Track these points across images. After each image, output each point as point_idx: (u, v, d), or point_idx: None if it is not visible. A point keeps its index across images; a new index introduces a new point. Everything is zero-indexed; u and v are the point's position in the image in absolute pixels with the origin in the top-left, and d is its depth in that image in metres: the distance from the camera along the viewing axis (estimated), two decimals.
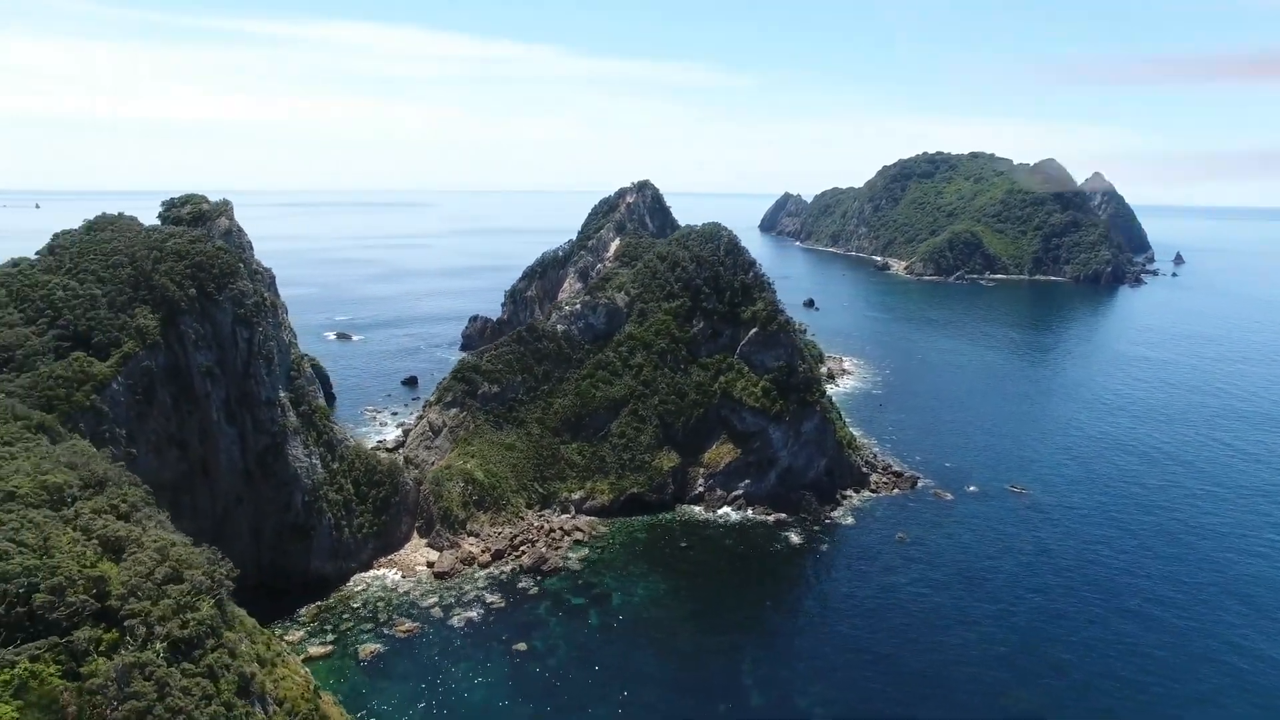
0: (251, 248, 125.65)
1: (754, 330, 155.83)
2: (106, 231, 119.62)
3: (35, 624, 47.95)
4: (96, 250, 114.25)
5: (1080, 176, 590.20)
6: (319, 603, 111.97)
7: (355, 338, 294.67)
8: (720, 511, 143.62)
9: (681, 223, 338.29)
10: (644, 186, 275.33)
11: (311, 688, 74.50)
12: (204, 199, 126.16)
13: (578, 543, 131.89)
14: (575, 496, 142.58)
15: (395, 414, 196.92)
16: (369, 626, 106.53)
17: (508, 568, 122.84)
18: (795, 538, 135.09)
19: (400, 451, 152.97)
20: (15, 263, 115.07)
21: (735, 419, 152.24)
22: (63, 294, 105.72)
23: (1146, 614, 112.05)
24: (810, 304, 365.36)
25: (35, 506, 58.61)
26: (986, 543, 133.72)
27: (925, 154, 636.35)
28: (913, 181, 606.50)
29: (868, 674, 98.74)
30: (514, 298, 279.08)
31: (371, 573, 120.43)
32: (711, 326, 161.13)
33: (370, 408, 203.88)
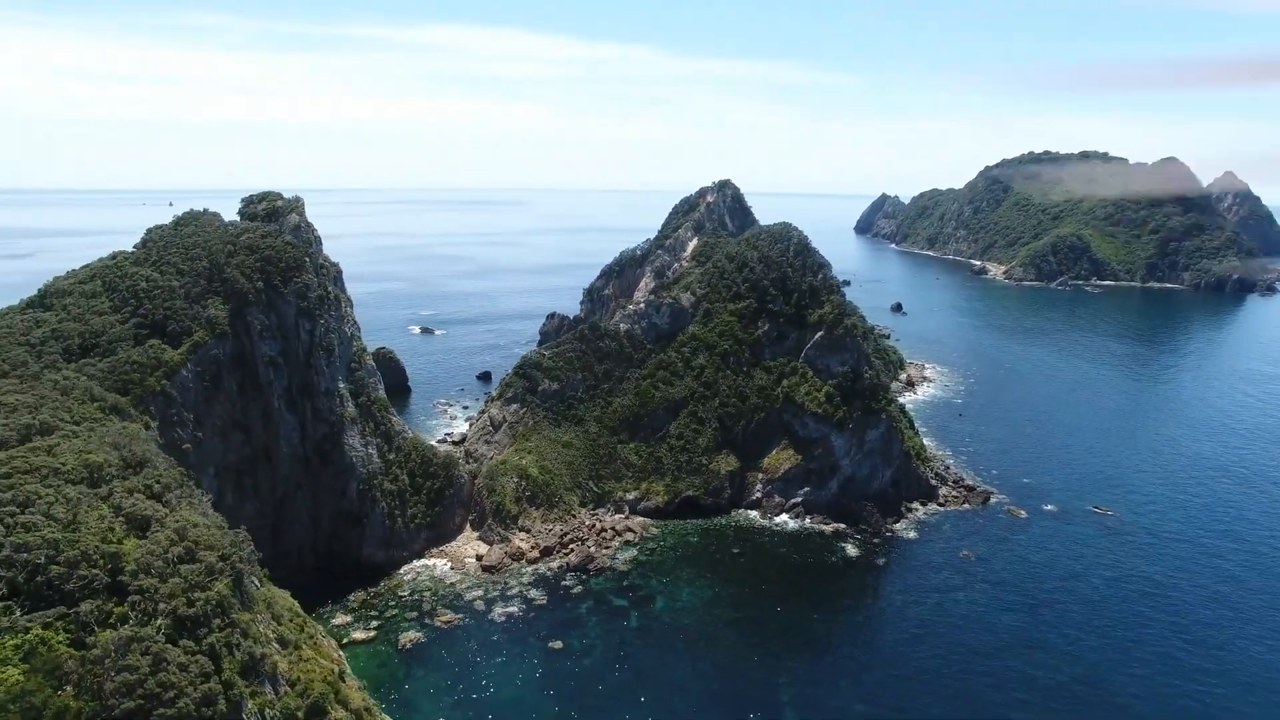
0: (320, 243, 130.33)
1: (820, 334, 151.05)
2: (191, 227, 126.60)
3: (51, 594, 50.52)
4: (180, 244, 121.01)
5: (1209, 177, 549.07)
6: (369, 589, 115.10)
7: (438, 332, 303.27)
8: (778, 519, 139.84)
9: (766, 224, 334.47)
10: (724, 186, 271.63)
11: (336, 672, 76.23)
12: (279, 196, 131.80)
13: (628, 543, 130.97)
14: (629, 497, 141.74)
15: (466, 408, 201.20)
16: (413, 615, 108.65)
17: (555, 565, 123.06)
18: (852, 549, 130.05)
19: (462, 445, 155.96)
20: (114, 255, 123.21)
21: (797, 424, 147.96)
22: (145, 285, 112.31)
23: (1229, 660, 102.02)
24: (898, 308, 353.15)
25: (75, 483, 62.04)
26: (1059, 565, 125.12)
27: (1031, 153, 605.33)
28: (1016, 182, 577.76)
29: (916, 698, 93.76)
30: (591, 296, 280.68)
31: (422, 562, 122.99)
32: (777, 329, 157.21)
33: (443, 400, 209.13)
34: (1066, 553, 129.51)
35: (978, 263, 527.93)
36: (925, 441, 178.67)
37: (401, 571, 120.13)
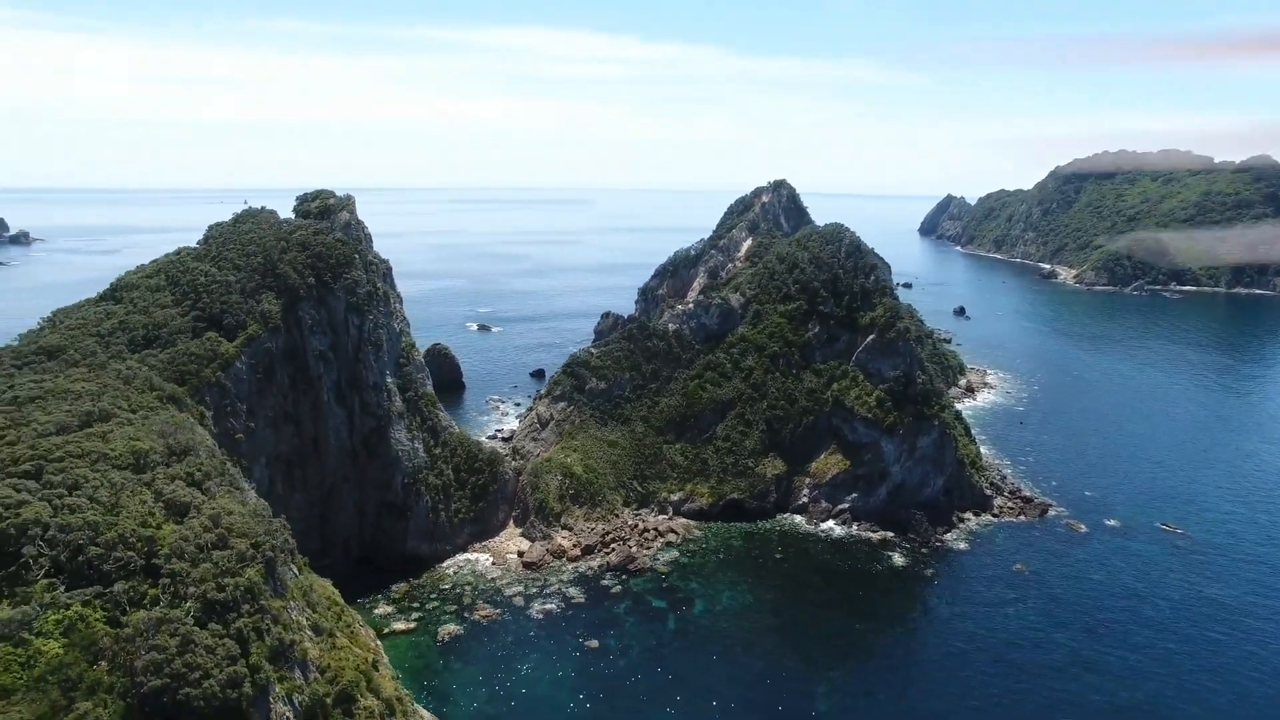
0: (370, 240, 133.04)
1: (871, 337, 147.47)
2: (249, 224, 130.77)
3: (91, 573, 52.40)
4: (238, 240, 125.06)
5: None
6: (412, 580, 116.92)
7: (494, 329, 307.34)
8: (824, 525, 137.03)
9: (822, 224, 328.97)
10: (779, 186, 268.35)
11: (370, 661, 77.43)
12: (331, 194, 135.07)
13: (670, 544, 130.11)
14: (674, 498, 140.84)
15: (518, 405, 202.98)
16: (452, 608, 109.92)
17: (595, 564, 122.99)
18: (899, 559, 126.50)
19: (510, 441, 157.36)
20: (178, 251, 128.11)
21: (846, 429, 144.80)
22: (204, 279, 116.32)
23: None
24: (960, 312, 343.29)
25: (121, 469, 64.38)
26: (1120, 584, 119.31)
27: (1106, 153, 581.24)
28: (1089, 183, 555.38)
29: (959, 715, 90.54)
30: (646, 296, 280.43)
31: (465, 556, 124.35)
32: (827, 331, 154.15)
33: (495, 397, 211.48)
34: (1129, 571, 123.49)
35: (1047, 266, 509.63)
36: (983, 450, 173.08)
37: (444, 565, 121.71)
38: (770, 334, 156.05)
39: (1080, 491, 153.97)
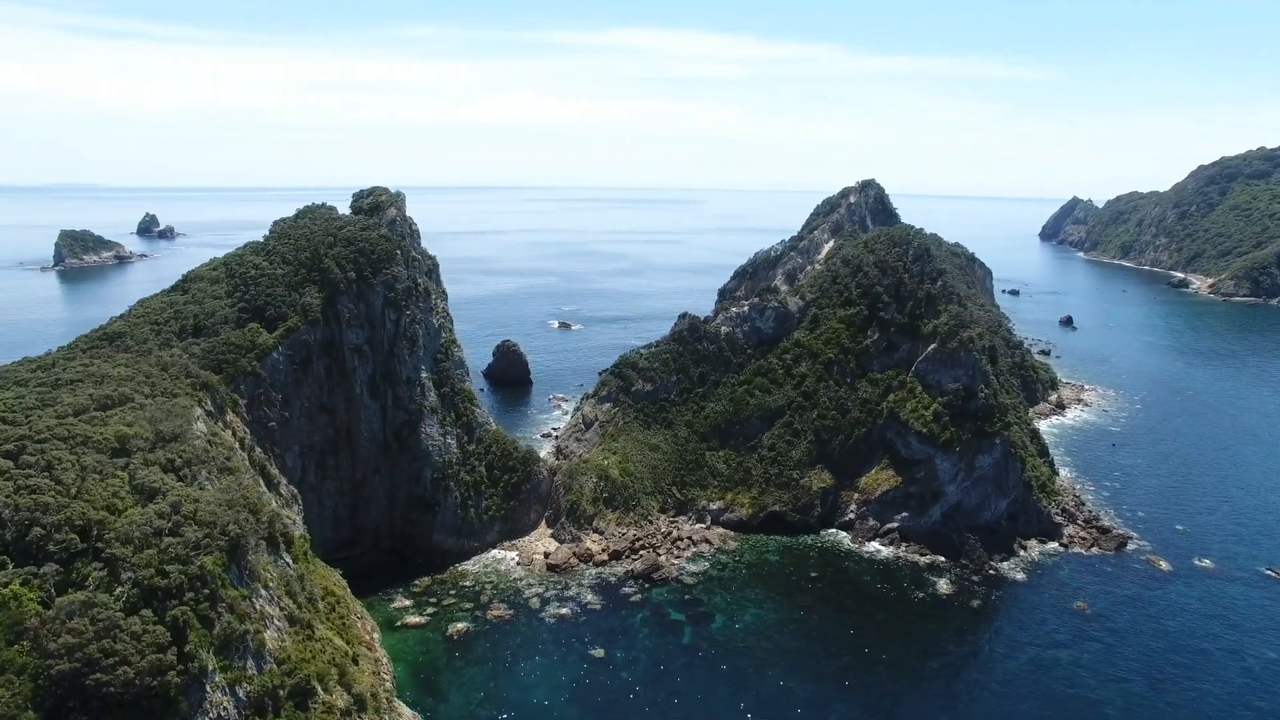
0: (417, 236, 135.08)
1: (932, 346, 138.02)
2: (306, 219, 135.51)
3: (38, 554, 54.27)
4: (292, 235, 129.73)
5: None
6: (435, 575, 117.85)
7: (574, 327, 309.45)
8: (869, 546, 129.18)
9: (921, 226, 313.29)
10: (867, 185, 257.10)
11: (349, 655, 77.78)
12: (385, 191, 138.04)
13: (702, 555, 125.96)
14: (713, 506, 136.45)
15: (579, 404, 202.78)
16: (469, 606, 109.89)
17: (620, 570, 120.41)
18: (946, 586, 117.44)
19: (555, 440, 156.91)
20: (246, 245, 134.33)
21: (900, 443, 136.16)
22: (254, 272, 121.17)
23: None
24: (1067, 322, 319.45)
25: (101, 453, 66.89)
26: (1200, 634, 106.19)
27: (1261, 149, 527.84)
28: (1238, 183, 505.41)
29: None
30: (724, 297, 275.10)
31: (493, 554, 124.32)
32: (887, 338, 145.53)
33: (559, 395, 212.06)
34: (1214, 620, 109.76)
35: (1179, 274, 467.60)
36: (1063, 472, 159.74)
37: (470, 561, 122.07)
38: (827, 340, 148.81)
39: (1170, 525, 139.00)
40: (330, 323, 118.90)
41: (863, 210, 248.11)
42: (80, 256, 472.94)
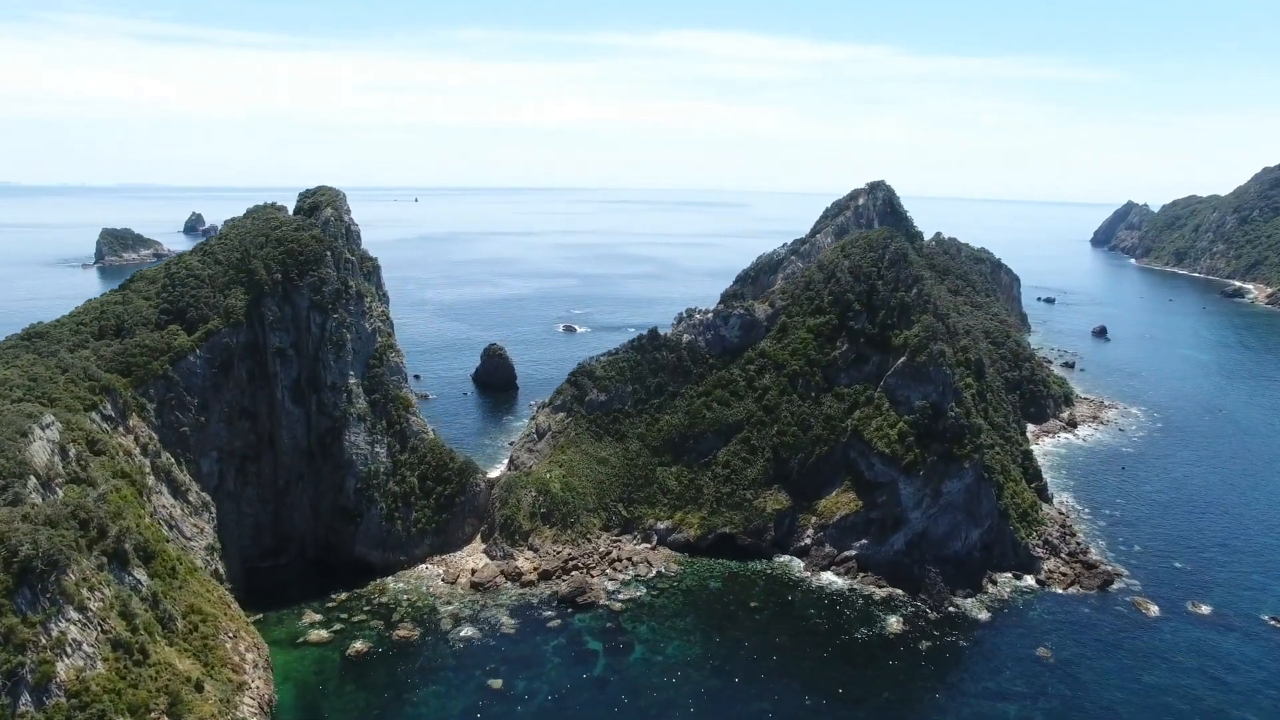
0: (355, 237, 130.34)
1: (902, 360, 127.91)
2: (251, 219, 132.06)
3: None
4: (231, 235, 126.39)
5: None
6: (355, 589, 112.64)
7: (579, 330, 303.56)
8: (823, 576, 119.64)
9: (947, 232, 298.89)
10: (876, 187, 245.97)
11: (192, 680, 72.46)
12: (328, 190, 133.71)
13: (640, 578, 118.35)
14: (660, 526, 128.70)
15: None
16: (377, 624, 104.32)
17: (547, 591, 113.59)
18: (896, 624, 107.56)
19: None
20: (196, 247, 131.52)
21: (863, 464, 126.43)
22: (183, 273, 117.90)
23: None
24: (1100, 332, 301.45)
25: None
26: (1178, 693, 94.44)
27: None
28: None
29: None
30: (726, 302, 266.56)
31: (419, 569, 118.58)
32: (856, 350, 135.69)
33: (539, 402, 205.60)
34: (1200, 675, 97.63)
35: (1235, 283, 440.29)
36: (1063, 498, 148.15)
37: (394, 576, 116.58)
38: (793, 350, 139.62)
39: (1168, 562, 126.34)
40: (255, 325, 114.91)
41: (870, 212, 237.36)
42: (120, 254, 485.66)
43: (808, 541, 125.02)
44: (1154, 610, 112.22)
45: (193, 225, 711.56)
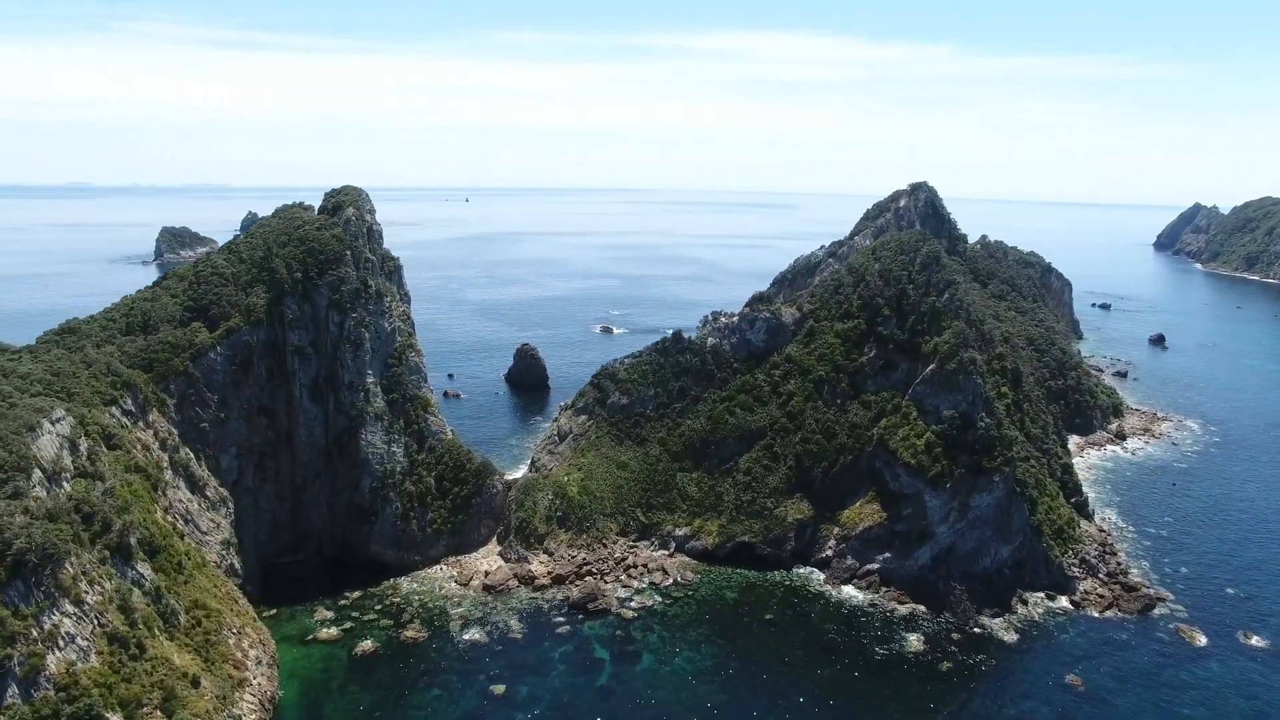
0: (377, 236, 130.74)
1: (931, 367, 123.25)
2: (277, 218, 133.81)
3: None
4: (257, 234, 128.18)
5: None
6: (368, 588, 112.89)
7: (616, 331, 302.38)
8: (844, 589, 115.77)
9: (999, 235, 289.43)
10: (918, 189, 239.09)
11: (188, 676, 72.89)
12: (355, 190, 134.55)
13: (655, 585, 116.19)
14: (679, 533, 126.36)
15: None
16: (386, 624, 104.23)
17: (559, 596, 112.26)
18: (917, 642, 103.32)
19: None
20: (228, 245, 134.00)
21: (888, 474, 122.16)
22: (209, 271, 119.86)
23: None
24: (1158, 340, 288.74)
25: None
26: None
27: None
28: None
29: None
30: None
31: (434, 569, 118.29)
32: (884, 356, 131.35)
33: (566, 403, 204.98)
34: (1254, 716, 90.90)
35: None
36: (1105, 515, 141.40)
37: (409, 576, 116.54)
38: (819, 356, 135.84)
39: (1219, 587, 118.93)
40: (275, 323, 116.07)
41: (911, 214, 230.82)
42: (177, 251, 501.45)
43: (829, 553, 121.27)
44: (1201, 640, 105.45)
45: (248, 224, 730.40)
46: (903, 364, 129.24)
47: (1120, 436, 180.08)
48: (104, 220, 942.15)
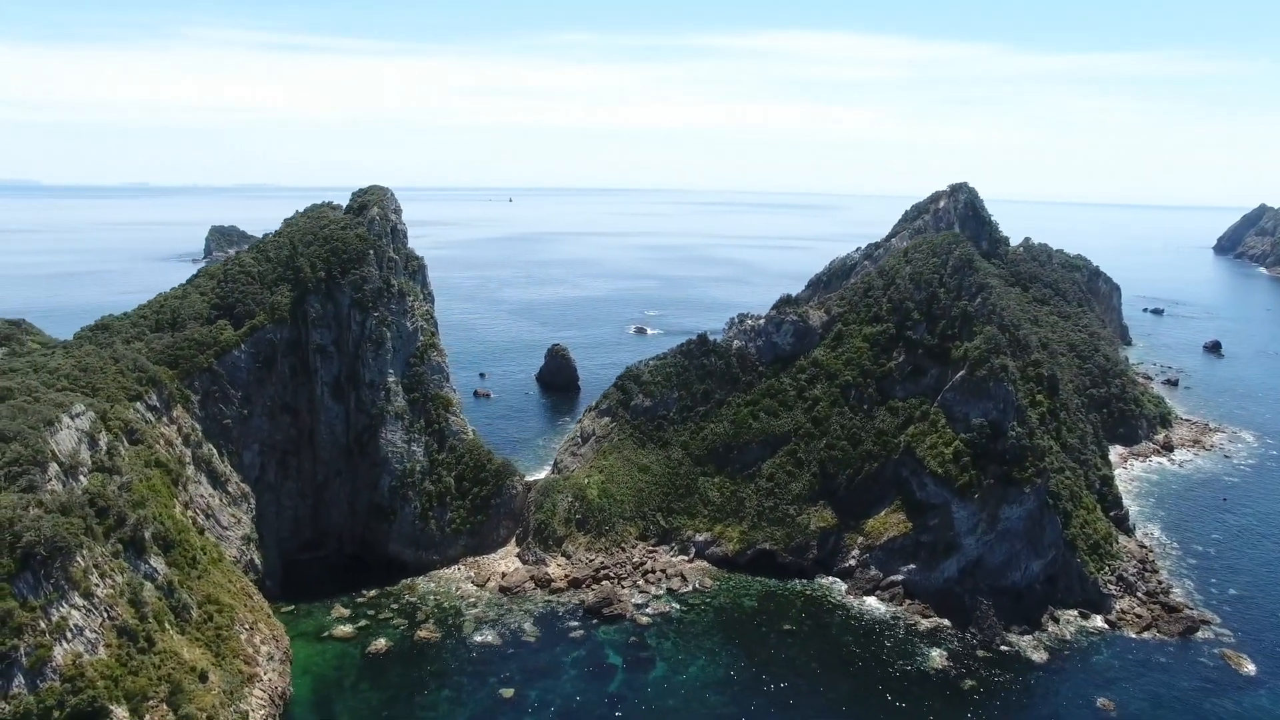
0: (401, 236, 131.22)
1: (961, 374, 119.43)
2: (305, 217, 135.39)
3: None
4: (285, 233, 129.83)
5: None
6: (386, 586, 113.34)
7: (650, 332, 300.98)
8: (866, 601, 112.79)
9: (1046, 238, 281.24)
10: (958, 190, 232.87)
11: (196, 671, 73.43)
12: (379, 189, 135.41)
13: (673, 591, 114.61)
14: (699, 538, 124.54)
15: None
16: (401, 623, 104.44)
17: (575, 600, 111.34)
18: (940, 659, 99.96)
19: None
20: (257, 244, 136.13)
21: (915, 483, 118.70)
22: (237, 270, 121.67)
23: None
24: (1213, 348, 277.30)
25: None
26: None
27: None
28: None
29: None
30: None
31: (451, 569, 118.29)
32: (913, 361, 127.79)
33: (591, 404, 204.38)
34: None
35: None
36: (1148, 529, 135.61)
37: (426, 575, 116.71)
38: (847, 360, 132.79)
39: (1271, 612, 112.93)
40: (298, 322, 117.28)
41: (951, 216, 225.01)
42: (225, 250, 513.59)
43: (852, 563, 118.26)
44: (1249, 667, 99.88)
45: None
46: (932, 370, 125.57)
47: (1167, 447, 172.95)
48: (159, 220, 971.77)
